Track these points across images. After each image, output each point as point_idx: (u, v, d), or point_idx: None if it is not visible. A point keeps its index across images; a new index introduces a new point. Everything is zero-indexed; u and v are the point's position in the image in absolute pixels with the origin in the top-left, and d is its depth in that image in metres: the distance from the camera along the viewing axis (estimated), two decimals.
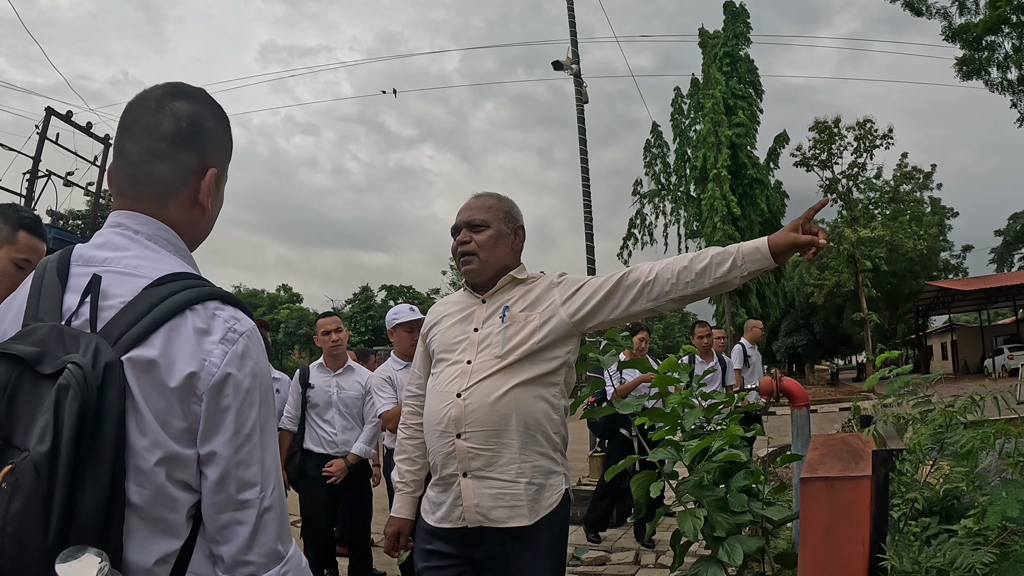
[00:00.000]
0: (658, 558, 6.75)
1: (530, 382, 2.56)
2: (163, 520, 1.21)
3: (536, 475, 2.54)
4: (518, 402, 2.54)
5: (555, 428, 2.61)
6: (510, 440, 2.52)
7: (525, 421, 2.53)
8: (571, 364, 2.69)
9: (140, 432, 1.18)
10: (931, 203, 50.64)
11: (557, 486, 2.59)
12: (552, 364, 2.61)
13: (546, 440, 2.58)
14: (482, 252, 2.71)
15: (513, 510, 2.50)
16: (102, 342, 1.17)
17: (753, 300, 40.07)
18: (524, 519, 2.50)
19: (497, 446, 2.53)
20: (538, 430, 2.56)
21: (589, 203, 11.14)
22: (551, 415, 2.60)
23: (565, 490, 2.62)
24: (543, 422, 2.57)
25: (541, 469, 2.55)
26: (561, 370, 2.64)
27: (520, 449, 2.52)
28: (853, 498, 2.47)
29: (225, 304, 1.31)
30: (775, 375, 4.30)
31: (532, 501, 2.51)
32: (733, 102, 40.98)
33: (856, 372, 64.20)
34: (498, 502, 2.51)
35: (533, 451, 2.54)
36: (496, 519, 2.51)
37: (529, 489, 2.52)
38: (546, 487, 2.56)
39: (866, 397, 14.34)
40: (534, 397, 2.56)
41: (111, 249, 1.34)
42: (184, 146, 1.39)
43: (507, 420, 2.53)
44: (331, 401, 5.60)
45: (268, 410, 1.33)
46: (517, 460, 2.52)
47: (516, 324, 2.63)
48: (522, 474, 2.52)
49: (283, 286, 76.25)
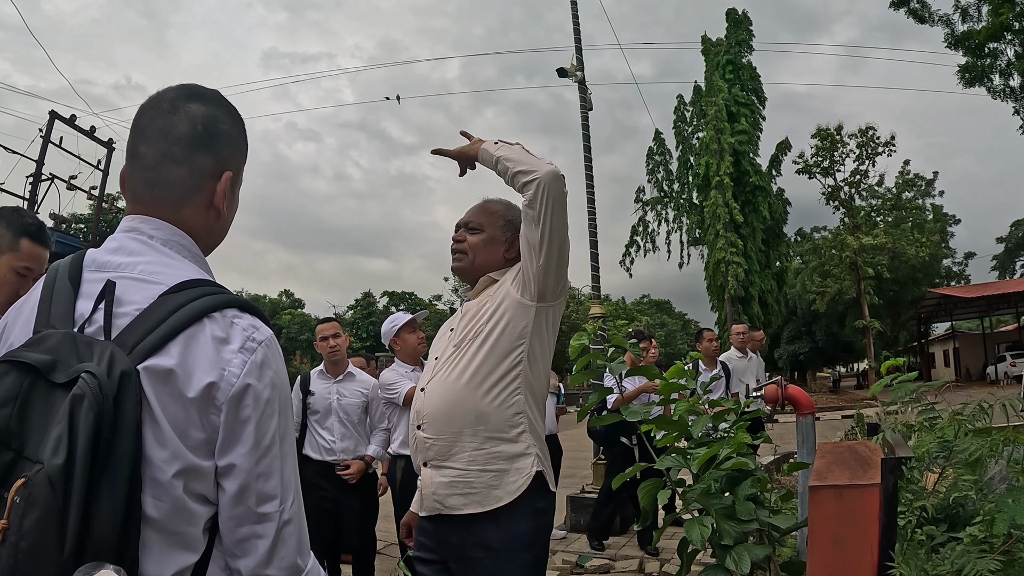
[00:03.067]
0: (662, 566, 6.72)
1: (484, 369, 2.61)
2: (180, 534, 1.18)
3: (493, 462, 2.56)
4: (471, 390, 2.60)
5: (517, 410, 2.61)
6: (462, 429, 2.58)
7: (477, 409, 2.58)
8: (535, 340, 2.67)
9: (157, 443, 1.14)
10: (933, 210, 50.64)
11: (524, 469, 2.57)
12: (508, 345, 2.63)
13: (506, 425, 2.59)
14: (471, 252, 2.86)
15: (467, 497, 2.55)
16: (117, 350, 1.13)
17: (755, 307, 40.03)
18: (477, 507, 2.54)
19: (449, 435, 2.59)
20: (494, 416, 2.58)
21: (593, 210, 11.11)
22: (510, 399, 2.61)
23: (537, 472, 2.59)
24: (499, 408, 2.59)
25: (501, 455, 2.57)
26: (519, 349, 2.64)
27: (472, 437, 2.57)
28: (862, 506, 2.45)
29: (243, 312, 1.28)
30: (780, 382, 4.28)
31: (489, 488, 2.55)
32: (736, 109, 40.99)
33: (857, 380, 64.11)
34: (452, 490, 2.57)
35: (489, 438, 2.57)
36: (452, 507, 2.57)
37: (483, 476, 2.55)
38: (510, 471, 2.57)
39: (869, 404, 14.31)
40: (490, 384, 2.60)
41: (125, 254, 1.30)
42: (199, 149, 1.36)
43: (457, 409, 2.59)
44: (331, 408, 5.55)
45: (287, 421, 1.30)
46: (469, 449, 2.57)
47: (470, 315, 2.74)
48: (474, 462, 2.56)
49: (285, 291, 76.42)
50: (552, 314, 2.71)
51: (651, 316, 73.99)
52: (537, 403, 2.70)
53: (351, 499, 5.47)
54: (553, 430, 8.23)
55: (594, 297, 11.13)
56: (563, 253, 2.65)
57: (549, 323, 2.71)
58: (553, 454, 8.14)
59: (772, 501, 3.28)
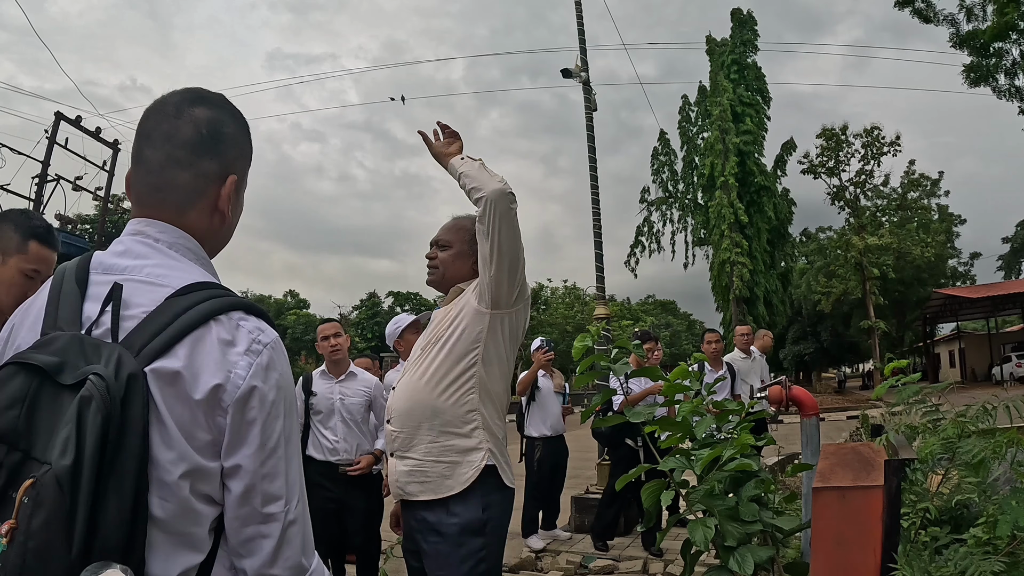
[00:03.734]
0: (666, 567, 6.72)
1: (442, 370, 2.86)
2: (186, 534, 1.19)
3: (447, 454, 2.81)
4: (429, 389, 2.86)
5: (471, 408, 2.84)
6: (420, 423, 2.85)
7: (434, 406, 2.84)
8: (490, 344, 2.87)
9: (164, 445, 1.15)
10: (939, 210, 50.41)
11: (475, 462, 2.80)
12: (464, 349, 2.86)
13: (459, 421, 2.83)
14: (442, 266, 3.12)
15: (423, 485, 2.82)
16: (125, 352, 1.14)
17: (760, 307, 40.01)
18: (431, 494, 2.79)
19: (410, 428, 2.87)
20: (448, 413, 2.83)
21: (598, 211, 11.07)
22: (464, 397, 2.84)
23: (487, 466, 2.80)
24: (454, 405, 2.83)
25: (454, 448, 2.81)
26: (474, 353, 2.86)
27: (429, 431, 2.84)
28: (865, 507, 2.46)
29: (249, 315, 1.29)
30: (784, 383, 4.28)
31: (442, 477, 2.80)
32: (741, 109, 40.98)
33: (863, 380, 63.96)
34: (411, 478, 2.84)
35: (443, 432, 2.83)
36: (410, 493, 2.85)
37: (437, 467, 2.81)
38: (462, 464, 2.80)
39: (873, 405, 14.30)
40: (445, 384, 2.84)
41: (132, 257, 1.31)
42: (204, 153, 1.37)
43: (417, 405, 2.87)
44: (334, 408, 5.54)
45: (292, 422, 1.32)
46: (426, 441, 2.84)
47: (436, 321, 3.01)
48: (429, 453, 2.82)
49: (290, 292, 76.21)
50: (509, 321, 2.91)
51: (656, 317, 73.88)
52: (494, 403, 2.92)
53: (355, 499, 5.47)
54: (559, 431, 8.22)
55: (599, 298, 11.11)
56: (514, 265, 2.84)
57: (506, 329, 2.91)
58: (558, 455, 8.13)
59: (776, 502, 3.28)
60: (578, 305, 63.09)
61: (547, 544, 7.74)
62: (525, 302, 2.96)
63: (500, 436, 2.91)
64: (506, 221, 2.78)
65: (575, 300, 65.98)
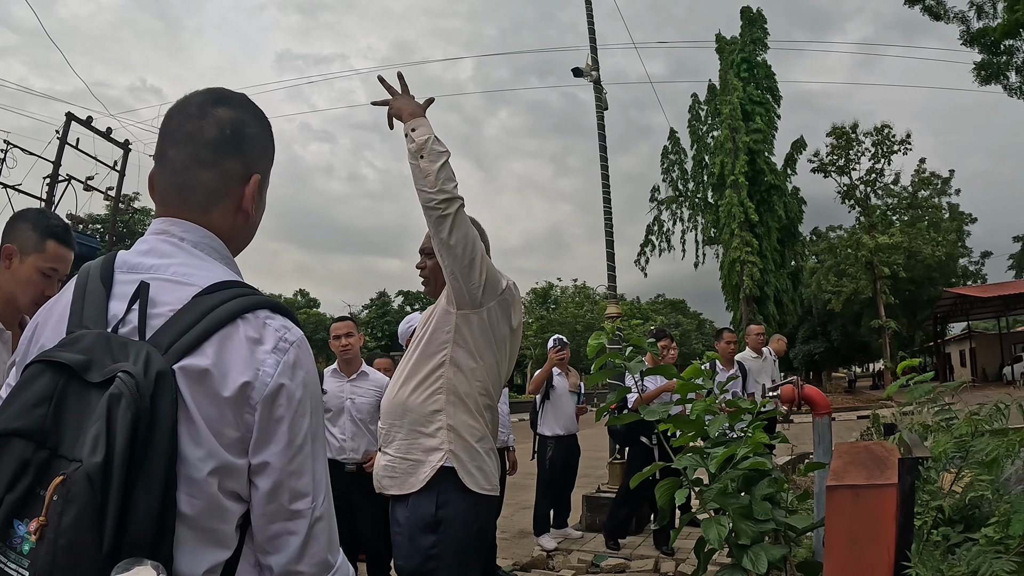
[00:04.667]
0: (678, 566, 6.72)
1: (414, 370, 2.96)
2: (213, 531, 1.20)
3: (412, 452, 2.91)
4: (403, 388, 2.97)
5: (436, 408, 2.90)
6: (394, 421, 2.98)
7: (404, 405, 2.94)
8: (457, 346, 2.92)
9: (193, 442, 1.16)
10: (949, 209, 50.16)
11: (433, 462, 2.86)
12: (432, 349, 2.94)
13: (425, 420, 2.90)
14: (432, 274, 3.19)
15: (392, 480, 2.95)
16: (153, 351, 1.15)
17: (771, 307, 39.82)
18: (397, 489, 2.93)
19: (389, 427, 3.00)
20: (415, 411, 2.92)
21: (609, 209, 11.03)
22: (430, 398, 2.91)
23: (445, 467, 2.85)
24: (420, 404, 2.91)
25: (419, 447, 2.90)
26: (442, 354, 2.93)
27: (400, 428, 2.95)
28: (879, 506, 2.46)
29: (275, 313, 1.30)
30: (796, 382, 4.28)
31: (406, 474, 2.91)
32: (751, 108, 40.74)
33: (873, 380, 63.66)
34: (385, 472, 2.98)
35: (412, 430, 2.92)
36: (384, 487, 2.99)
37: (404, 464, 2.92)
38: (424, 463, 2.88)
39: (884, 405, 14.24)
40: (415, 384, 2.94)
41: (157, 256, 1.32)
42: (228, 153, 1.38)
43: (392, 404, 3.00)
44: (344, 407, 5.56)
45: (318, 420, 1.32)
46: (398, 438, 2.95)
47: (419, 323, 3.13)
48: (399, 450, 2.94)
49: (300, 291, 76.27)
50: (479, 321, 2.93)
51: (666, 316, 73.68)
52: (465, 404, 2.93)
53: (362, 497, 5.46)
54: (572, 430, 8.22)
55: (610, 296, 11.09)
56: (466, 263, 2.83)
57: (474, 329, 2.92)
58: (570, 454, 8.13)
59: (788, 501, 3.28)
60: (588, 304, 62.99)
61: (559, 543, 7.75)
62: (499, 300, 2.94)
63: (471, 439, 2.91)
64: (447, 217, 2.78)
65: (585, 299, 65.87)
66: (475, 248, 2.84)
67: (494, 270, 2.96)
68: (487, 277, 2.89)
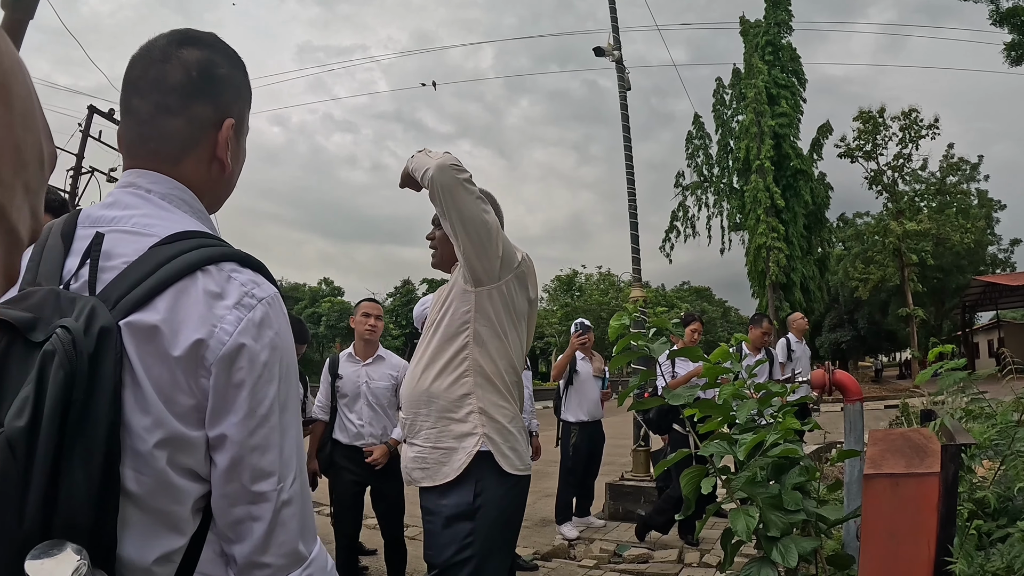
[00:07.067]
0: (702, 556, 6.60)
1: (438, 352, 2.87)
2: (165, 513, 1.06)
3: (443, 440, 2.81)
4: (424, 374, 2.88)
5: (465, 391, 2.81)
6: (419, 409, 2.87)
7: (429, 391, 2.84)
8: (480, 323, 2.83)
9: (139, 409, 1.02)
10: (978, 195, 49.57)
11: (468, 447, 2.77)
12: (454, 331, 2.85)
13: (454, 406, 2.81)
14: (439, 246, 3.16)
15: (424, 472, 2.83)
16: (99, 305, 1.02)
17: (797, 294, 39.55)
18: (430, 481, 2.81)
19: (413, 415, 2.90)
20: (442, 398, 2.82)
21: (633, 192, 10.91)
22: (458, 381, 2.82)
23: (481, 451, 2.76)
24: (448, 390, 2.82)
25: (450, 434, 2.80)
26: (465, 334, 2.84)
27: (427, 417, 2.85)
28: (919, 496, 2.32)
29: (244, 267, 1.17)
30: (827, 368, 4.13)
31: (439, 464, 2.80)
32: (776, 91, 40.41)
33: (900, 369, 63.21)
34: (415, 464, 2.87)
35: (440, 418, 2.82)
36: (415, 479, 2.88)
37: (435, 453, 2.81)
38: (457, 450, 2.78)
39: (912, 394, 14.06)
40: (438, 368, 2.85)
41: (120, 208, 1.20)
42: (196, 97, 1.25)
43: (415, 392, 2.90)
44: (360, 392, 5.50)
45: (289, 388, 1.18)
46: (425, 427, 2.85)
47: (433, 304, 3.05)
48: (428, 439, 2.83)
49: (324, 280, 76.69)
50: (497, 296, 2.84)
51: (691, 303, 73.49)
52: (493, 384, 2.85)
53: (381, 483, 5.44)
54: (596, 416, 8.12)
55: (635, 280, 10.96)
56: (479, 236, 2.75)
57: (497, 305, 2.84)
58: (594, 441, 8.02)
59: (819, 491, 3.15)
60: (613, 291, 62.93)
61: (581, 532, 7.66)
62: (516, 273, 2.87)
63: (503, 419, 2.84)
64: (452, 192, 2.70)
65: (610, 286, 65.84)
66: (489, 220, 2.78)
67: (509, 243, 2.89)
68: (504, 250, 2.82)
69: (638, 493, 8.39)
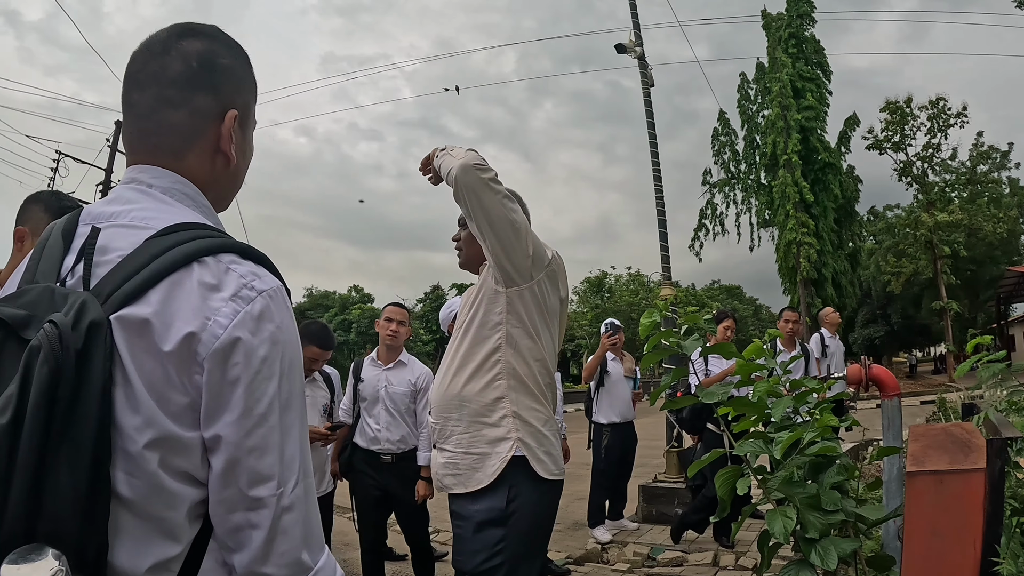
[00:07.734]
0: (738, 559, 6.51)
1: (466, 357, 2.82)
2: (159, 518, 1.01)
3: (476, 445, 2.75)
4: (455, 378, 2.82)
5: (498, 395, 2.76)
6: (449, 414, 2.82)
7: (460, 396, 2.79)
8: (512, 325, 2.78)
9: (130, 408, 0.98)
10: (1010, 184, 48.67)
11: (502, 452, 2.71)
12: (486, 333, 2.80)
13: (487, 409, 2.75)
14: (465, 246, 3.11)
15: (456, 478, 2.78)
16: (91, 299, 0.98)
17: (829, 289, 39.14)
18: (462, 488, 2.76)
19: (443, 420, 2.84)
20: (475, 402, 2.76)
21: (661, 190, 10.85)
22: (490, 384, 2.76)
23: (516, 456, 2.71)
24: (480, 393, 2.76)
25: (483, 439, 2.74)
26: (497, 336, 2.78)
27: (458, 421, 2.79)
28: (965, 493, 2.23)
29: (246, 259, 1.12)
30: (864, 363, 4.04)
31: (471, 470, 2.74)
32: (801, 84, 39.97)
33: (935, 364, 62.43)
34: (446, 471, 2.82)
35: (473, 422, 2.76)
36: (446, 486, 2.83)
37: (467, 459, 2.76)
38: (491, 455, 2.73)
39: (949, 389, 13.83)
40: (470, 371, 2.79)
41: (120, 204, 1.17)
42: (197, 88, 1.22)
43: (445, 396, 2.83)
44: (379, 396, 5.47)
45: (292, 386, 1.12)
46: (457, 432, 2.79)
47: (462, 305, 2.99)
48: (460, 445, 2.78)
49: (354, 287, 76.88)
50: (529, 296, 2.78)
51: (721, 302, 72.94)
52: (526, 386, 2.80)
53: (400, 489, 5.40)
54: (628, 417, 8.05)
55: (665, 279, 10.89)
56: (508, 234, 2.70)
57: (529, 305, 2.79)
58: (627, 442, 7.94)
59: (858, 491, 3.06)
60: (643, 292, 62.70)
61: (614, 535, 7.58)
62: (547, 271, 2.81)
63: (537, 423, 2.79)
64: (480, 193, 2.66)
65: (639, 287, 65.61)
66: (517, 219, 2.73)
67: (539, 240, 2.84)
68: (534, 248, 2.77)
69: (671, 495, 8.28)
